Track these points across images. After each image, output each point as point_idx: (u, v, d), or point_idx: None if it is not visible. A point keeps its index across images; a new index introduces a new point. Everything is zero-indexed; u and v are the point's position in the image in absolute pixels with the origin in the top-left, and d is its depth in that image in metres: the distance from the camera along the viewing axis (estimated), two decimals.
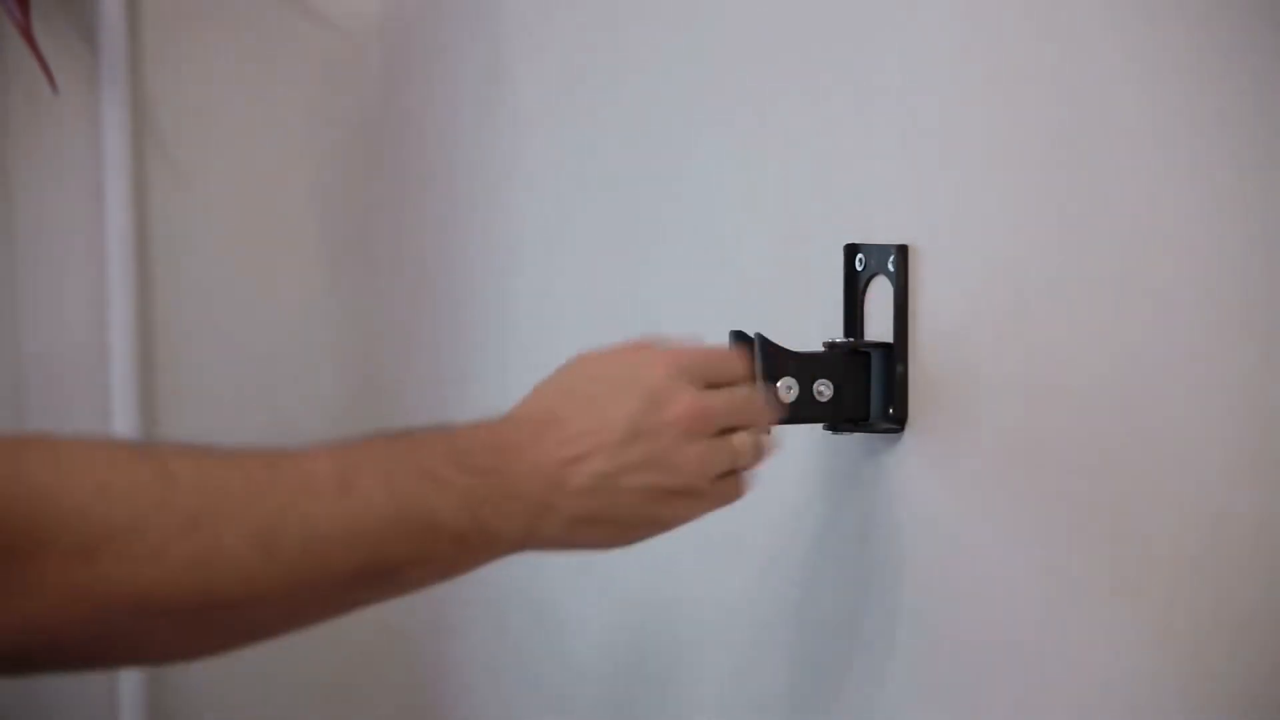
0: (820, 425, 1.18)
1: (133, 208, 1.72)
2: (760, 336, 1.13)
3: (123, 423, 1.71)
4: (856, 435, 1.19)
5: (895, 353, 1.16)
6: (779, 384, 1.14)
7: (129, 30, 1.72)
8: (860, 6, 1.20)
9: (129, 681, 1.74)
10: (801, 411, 1.16)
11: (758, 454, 1.06)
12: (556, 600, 1.53)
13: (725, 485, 1.05)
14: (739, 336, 1.14)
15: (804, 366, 1.15)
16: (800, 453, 1.20)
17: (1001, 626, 1.12)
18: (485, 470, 0.97)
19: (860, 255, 1.19)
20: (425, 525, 0.95)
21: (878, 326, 1.18)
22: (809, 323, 1.21)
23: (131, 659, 0.92)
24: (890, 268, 1.16)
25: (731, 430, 1.04)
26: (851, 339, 1.19)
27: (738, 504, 1.10)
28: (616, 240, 1.45)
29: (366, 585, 0.95)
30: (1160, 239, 1.01)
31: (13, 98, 1.71)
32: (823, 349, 1.17)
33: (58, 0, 1.70)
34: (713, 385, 1.05)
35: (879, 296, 1.18)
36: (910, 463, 1.17)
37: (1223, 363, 0.99)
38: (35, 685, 1.74)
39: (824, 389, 1.15)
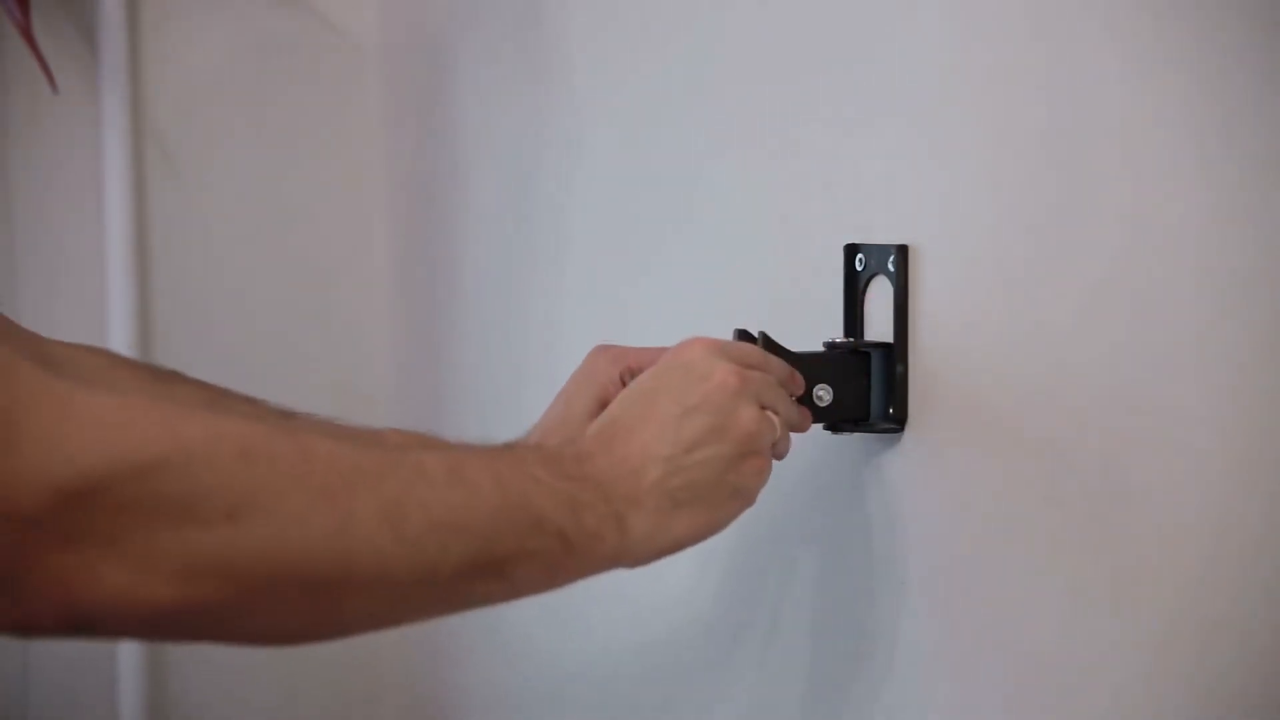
0: (820, 425, 1.18)
1: (133, 208, 1.72)
2: (764, 335, 1.14)
3: None
4: (856, 435, 1.19)
5: (895, 353, 1.16)
6: None
7: (129, 30, 1.72)
8: (859, 7, 1.20)
9: (129, 682, 1.74)
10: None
11: (785, 438, 1.10)
12: (553, 608, 1.53)
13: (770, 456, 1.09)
14: (743, 335, 1.14)
15: (804, 366, 1.15)
16: (800, 453, 1.19)
17: (1002, 628, 1.11)
18: (575, 477, 1.00)
19: (860, 255, 1.19)
20: (531, 519, 0.97)
21: (878, 326, 1.18)
22: (809, 323, 1.21)
23: (260, 636, 0.93)
24: (890, 268, 1.16)
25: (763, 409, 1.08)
26: (851, 339, 1.19)
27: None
28: (617, 241, 1.45)
29: (479, 578, 0.96)
30: (1161, 239, 1.01)
31: (13, 98, 1.71)
32: (823, 349, 1.17)
33: (58, 0, 1.70)
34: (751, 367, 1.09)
35: (879, 296, 1.18)
36: (910, 463, 1.17)
37: (1226, 364, 0.99)
38: (35, 685, 1.73)
39: (823, 394, 1.16)
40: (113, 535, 0.83)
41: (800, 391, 1.14)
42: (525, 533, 0.96)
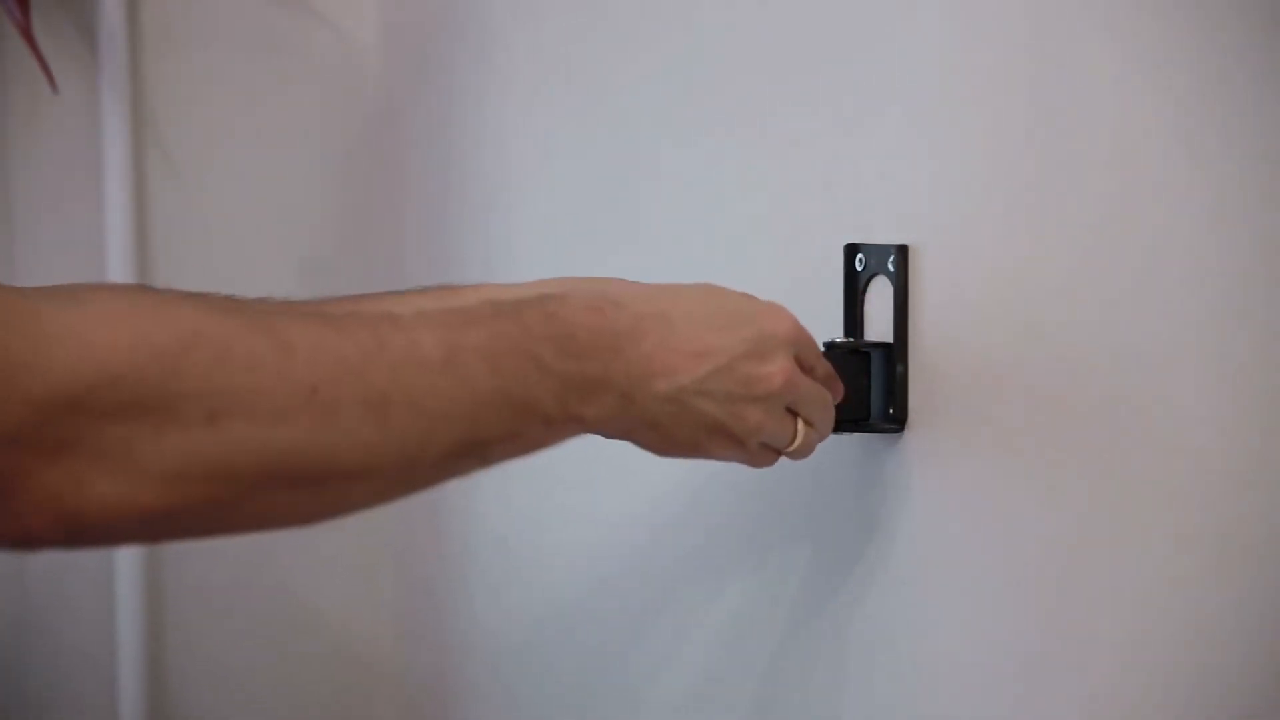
0: None
1: (133, 208, 1.72)
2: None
3: None
4: (856, 435, 1.19)
5: (895, 353, 1.16)
6: None
7: (129, 30, 1.72)
8: (859, 6, 1.20)
9: (129, 681, 1.74)
10: None
11: (804, 449, 1.10)
12: (551, 610, 1.53)
13: (764, 453, 1.09)
14: (830, 347, 1.15)
15: None
16: None
17: (1002, 628, 1.11)
18: (584, 356, 0.99)
19: (860, 255, 1.19)
20: (521, 407, 0.97)
21: (878, 326, 1.18)
22: (809, 323, 1.21)
23: (250, 528, 0.94)
24: (890, 268, 1.16)
25: (794, 414, 1.08)
26: (851, 339, 1.19)
27: (739, 502, 1.10)
28: (617, 241, 1.45)
29: (460, 459, 0.96)
30: (1161, 239, 1.01)
31: (13, 98, 1.71)
32: (823, 349, 1.17)
33: (58, 0, 1.70)
34: (803, 367, 1.09)
35: (879, 296, 1.18)
36: (910, 463, 1.17)
37: (1228, 362, 0.99)
38: (34, 683, 1.73)
39: None
40: (95, 445, 0.84)
41: (839, 397, 1.14)
42: (512, 420, 0.97)
